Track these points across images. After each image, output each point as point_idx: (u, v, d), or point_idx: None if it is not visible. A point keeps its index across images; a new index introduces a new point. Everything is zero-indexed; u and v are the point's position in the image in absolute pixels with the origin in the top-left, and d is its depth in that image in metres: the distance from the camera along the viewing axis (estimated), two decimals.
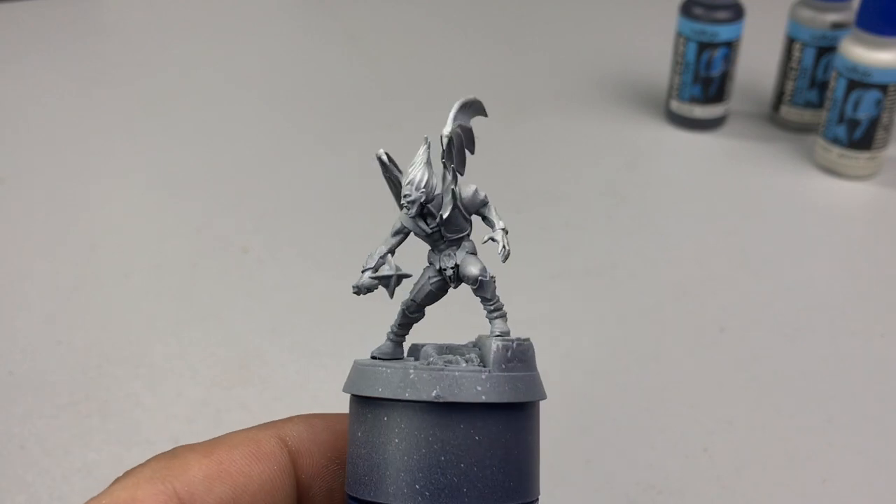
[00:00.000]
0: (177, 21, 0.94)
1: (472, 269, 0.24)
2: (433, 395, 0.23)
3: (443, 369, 0.23)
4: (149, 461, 0.24)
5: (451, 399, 0.23)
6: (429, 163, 0.24)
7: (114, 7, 0.98)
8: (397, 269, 0.25)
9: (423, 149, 0.24)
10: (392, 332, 0.25)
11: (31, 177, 0.68)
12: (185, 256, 0.60)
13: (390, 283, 0.25)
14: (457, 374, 0.23)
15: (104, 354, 0.52)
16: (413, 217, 0.24)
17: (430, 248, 0.25)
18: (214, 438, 0.25)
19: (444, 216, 0.24)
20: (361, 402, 0.24)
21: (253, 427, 0.26)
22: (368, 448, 0.23)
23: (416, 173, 0.24)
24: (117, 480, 0.24)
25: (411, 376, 0.23)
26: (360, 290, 0.25)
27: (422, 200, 0.24)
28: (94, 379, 0.50)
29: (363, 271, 0.25)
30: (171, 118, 0.77)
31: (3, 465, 0.45)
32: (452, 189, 0.24)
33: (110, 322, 0.54)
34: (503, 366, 0.23)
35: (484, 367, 0.23)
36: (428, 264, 0.25)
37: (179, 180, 0.68)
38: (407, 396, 0.23)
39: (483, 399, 0.23)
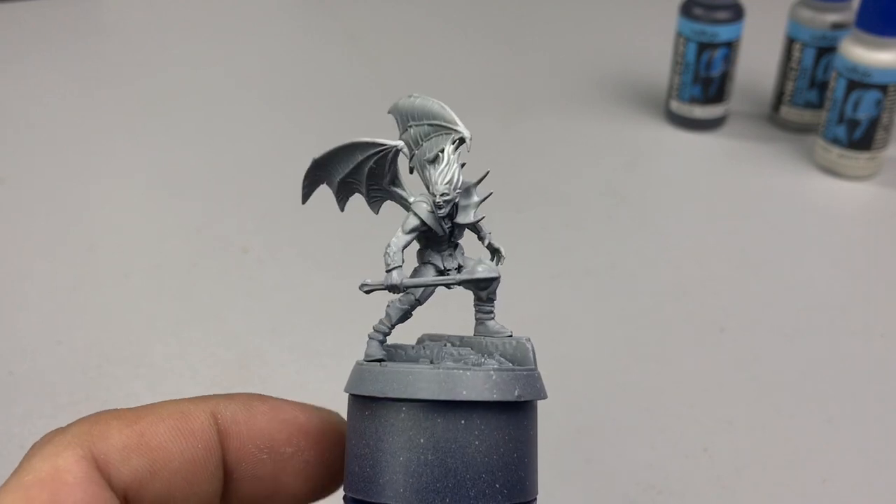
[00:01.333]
0: (177, 21, 0.94)
1: (492, 274, 0.25)
2: (515, 394, 0.23)
3: (498, 368, 0.23)
4: (71, 425, 0.23)
5: (528, 398, 0.23)
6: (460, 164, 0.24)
7: (114, 7, 0.98)
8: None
9: (451, 148, 0.24)
10: (382, 332, 0.25)
11: (31, 177, 0.68)
12: (185, 256, 0.60)
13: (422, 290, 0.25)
14: (502, 372, 0.23)
15: (104, 354, 0.52)
16: (442, 217, 0.24)
17: (426, 248, 0.25)
18: (144, 406, 0.24)
19: (476, 221, 0.25)
20: (367, 403, 0.24)
21: (187, 399, 0.25)
22: (371, 449, 0.23)
23: (452, 174, 0.24)
24: (37, 448, 0.22)
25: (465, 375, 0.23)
26: (398, 288, 0.25)
27: (456, 201, 0.24)
28: (94, 379, 0.50)
29: (391, 269, 0.24)
30: (171, 118, 0.77)
31: (3, 465, 0.45)
32: (486, 195, 0.25)
33: (110, 322, 0.54)
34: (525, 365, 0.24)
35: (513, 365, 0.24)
36: (423, 263, 0.25)
37: (179, 180, 0.68)
38: (494, 397, 0.23)
39: (537, 397, 0.23)
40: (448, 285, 0.25)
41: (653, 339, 0.54)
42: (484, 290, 0.25)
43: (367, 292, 0.25)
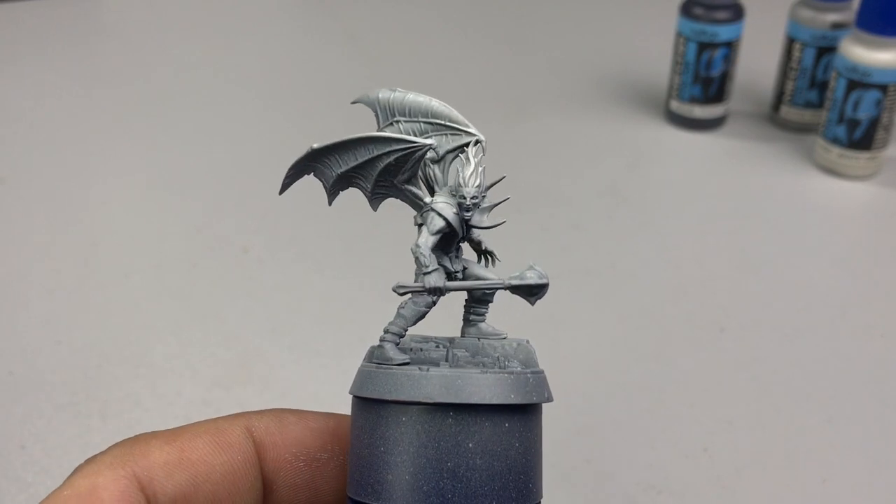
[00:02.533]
0: (176, 21, 0.94)
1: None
2: (530, 397, 0.23)
3: (515, 371, 0.23)
4: (111, 447, 0.24)
5: (540, 400, 0.23)
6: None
7: (114, 7, 0.98)
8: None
9: (474, 149, 0.24)
10: (398, 335, 0.25)
11: (31, 177, 0.68)
12: (185, 256, 0.60)
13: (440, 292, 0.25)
14: (518, 373, 0.23)
15: (104, 354, 0.52)
16: (466, 219, 0.24)
17: (435, 249, 0.25)
18: (179, 427, 0.25)
19: (495, 225, 0.25)
20: (373, 406, 0.23)
21: (220, 417, 0.26)
22: (376, 451, 0.23)
23: (479, 177, 0.24)
24: (78, 468, 0.23)
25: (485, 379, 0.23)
26: (441, 291, 0.24)
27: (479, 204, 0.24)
28: (94, 379, 0.50)
29: (431, 272, 0.24)
30: (171, 118, 0.77)
31: (3, 465, 0.45)
32: (502, 199, 0.25)
33: (110, 322, 0.54)
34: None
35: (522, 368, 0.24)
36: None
37: (179, 180, 0.68)
38: (512, 399, 0.23)
39: (535, 399, 0.23)
40: (495, 289, 0.25)
41: (653, 339, 0.54)
42: (534, 295, 0.25)
43: (402, 294, 0.24)
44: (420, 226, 0.25)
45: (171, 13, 0.96)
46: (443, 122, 0.24)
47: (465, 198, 0.24)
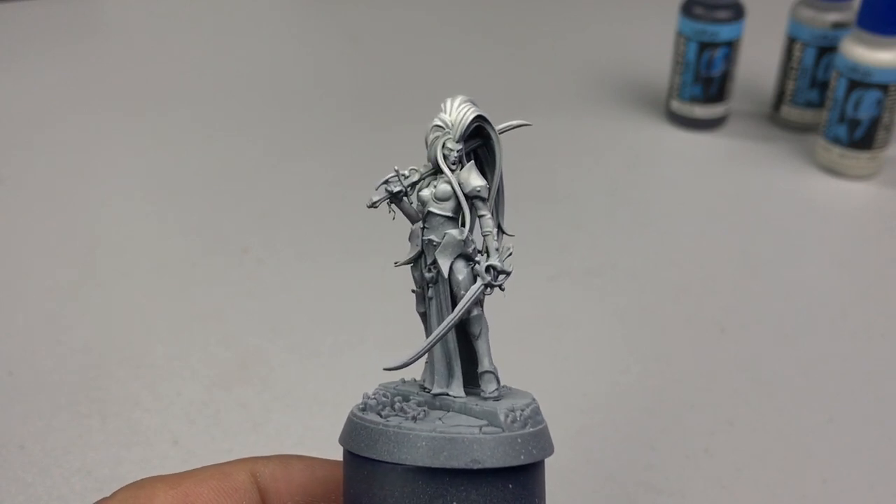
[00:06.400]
0: (177, 21, 0.94)
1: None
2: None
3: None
4: (116, 492, 0.24)
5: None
6: None
7: (114, 7, 0.98)
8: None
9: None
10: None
11: (31, 177, 0.68)
12: (185, 256, 0.60)
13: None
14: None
15: (104, 354, 0.52)
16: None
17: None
18: (184, 471, 0.25)
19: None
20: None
21: (226, 462, 0.26)
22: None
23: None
24: None
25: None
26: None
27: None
28: (94, 379, 0.50)
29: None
30: (171, 118, 0.77)
31: (3, 465, 0.45)
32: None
33: (110, 322, 0.54)
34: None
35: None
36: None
37: (179, 180, 0.68)
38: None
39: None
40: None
41: (653, 339, 0.54)
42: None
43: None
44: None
45: (171, 13, 0.96)
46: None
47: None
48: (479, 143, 0.25)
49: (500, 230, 0.26)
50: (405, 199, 0.25)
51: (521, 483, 0.23)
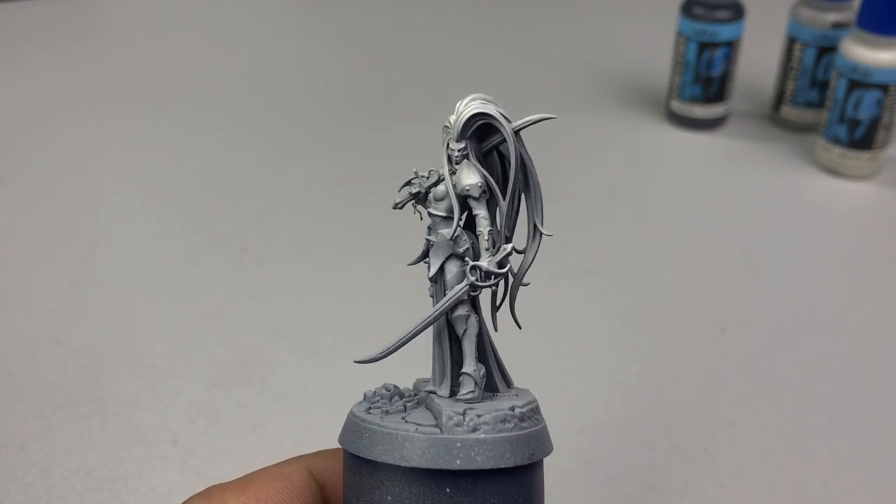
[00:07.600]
0: (176, 21, 0.94)
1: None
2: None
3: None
4: (186, 501, 0.25)
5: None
6: None
7: (114, 7, 0.98)
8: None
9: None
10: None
11: (31, 177, 0.68)
12: (185, 256, 0.60)
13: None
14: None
15: (104, 354, 0.52)
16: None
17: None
18: (245, 476, 0.26)
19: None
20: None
21: (282, 462, 0.26)
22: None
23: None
24: None
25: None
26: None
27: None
28: (94, 379, 0.50)
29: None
30: (171, 118, 0.77)
31: (3, 465, 0.45)
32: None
33: (110, 322, 0.54)
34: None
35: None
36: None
37: (179, 180, 0.68)
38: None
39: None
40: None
41: (653, 339, 0.54)
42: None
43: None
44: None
45: (171, 13, 0.96)
46: None
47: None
48: (499, 139, 0.26)
49: (536, 229, 0.26)
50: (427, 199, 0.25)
51: (519, 483, 0.23)
